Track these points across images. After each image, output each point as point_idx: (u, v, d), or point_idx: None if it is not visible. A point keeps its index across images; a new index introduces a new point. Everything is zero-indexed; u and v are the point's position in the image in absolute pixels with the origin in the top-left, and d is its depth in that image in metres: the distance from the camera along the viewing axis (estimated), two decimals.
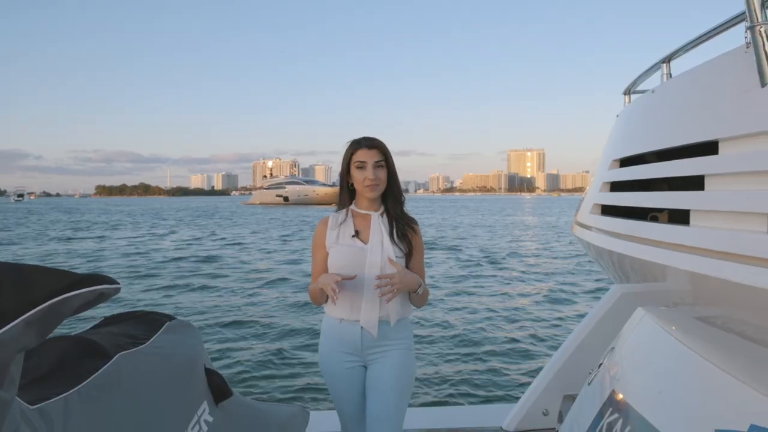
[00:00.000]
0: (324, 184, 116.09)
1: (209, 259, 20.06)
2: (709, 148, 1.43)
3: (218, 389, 2.10)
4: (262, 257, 21.20)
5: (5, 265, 0.96)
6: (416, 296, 2.36)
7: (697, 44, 1.71)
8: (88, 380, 1.48)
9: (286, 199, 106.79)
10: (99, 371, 1.54)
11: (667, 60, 1.95)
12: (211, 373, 2.12)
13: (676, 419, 1.82)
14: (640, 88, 2.58)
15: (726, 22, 1.44)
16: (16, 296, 0.92)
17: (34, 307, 0.92)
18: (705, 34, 1.62)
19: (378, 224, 2.35)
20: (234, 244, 27.10)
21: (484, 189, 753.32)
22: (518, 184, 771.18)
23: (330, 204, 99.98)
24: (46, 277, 0.96)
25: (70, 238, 30.17)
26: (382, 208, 2.41)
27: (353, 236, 2.33)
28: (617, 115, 2.55)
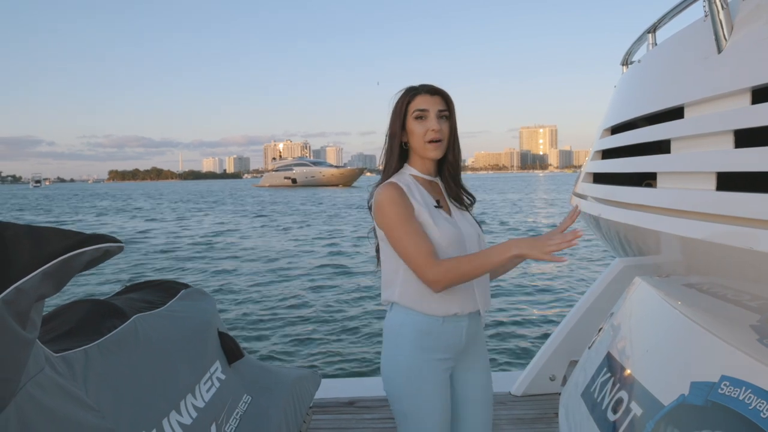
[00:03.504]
0: (331, 166, 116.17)
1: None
2: (678, 113, 1.51)
3: (230, 351, 2.26)
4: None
5: (25, 226, 1.11)
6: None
7: (676, 14, 1.77)
8: (107, 336, 1.64)
9: (294, 181, 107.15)
10: (117, 329, 1.70)
11: (653, 30, 2.00)
12: (224, 336, 2.28)
13: (658, 374, 1.92)
14: (636, 58, 2.63)
15: None
16: (35, 251, 1.07)
17: (51, 261, 1.07)
18: (680, 4, 1.68)
19: (445, 193, 1.91)
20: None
21: (496, 167, 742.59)
22: (531, 161, 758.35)
23: (337, 185, 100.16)
24: (60, 236, 1.11)
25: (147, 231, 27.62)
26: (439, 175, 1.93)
27: (437, 206, 1.82)
28: (615, 86, 2.61)
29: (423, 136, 1.79)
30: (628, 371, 2.11)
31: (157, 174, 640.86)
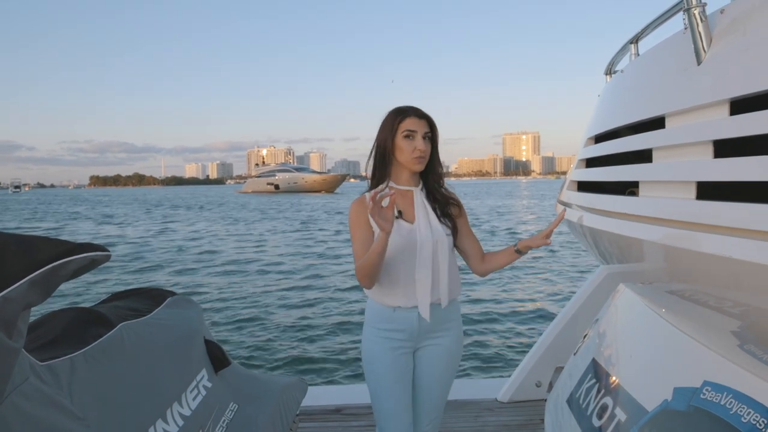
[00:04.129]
0: (314, 172, 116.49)
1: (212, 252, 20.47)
2: (659, 123, 1.55)
3: (217, 359, 2.25)
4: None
5: (12, 234, 1.11)
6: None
7: (657, 26, 1.80)
8: (93, 344, 1.63)
9: (276, 187, 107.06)
10: (103, 338, 1.70)
11: (635, 40, 2.04)
12: (210, 344, 2.28)
13: (642, 380, 1.94)
14: (619, 68, 2.68)
15: (673, 7, 1.54)
16: (23, 260, 1.06)
17: (38, 269, 1.07)
18: (662, 16, 1.72)
19: (421, 200, 2.14)
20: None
21: (480, 173, 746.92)
22: (514, 167, 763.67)
23: (319, 191, 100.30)
24: (48, 245, 1.11)
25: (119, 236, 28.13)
26: (421, 183, 2.18)
27: (396, 217, 2.05)
28: (598, 95, 2.65)
29: (411, 153, 2.07)
30: (613, 377, 2.13)
31: (139, 180, 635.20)
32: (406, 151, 2.07)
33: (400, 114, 2.09)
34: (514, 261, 2.20)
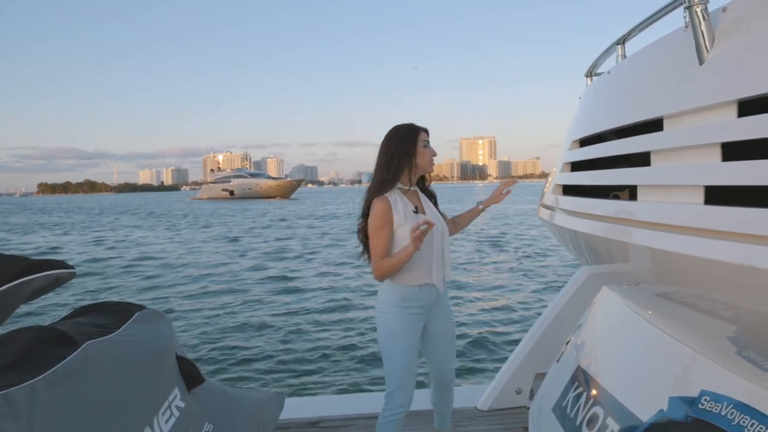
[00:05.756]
0: (270, 177, 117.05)
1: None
2: (656, 125, 1.49)
3: (190, 376, 2.12)
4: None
5: None
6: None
7: (648, 25, 1.75)
8: (56, 367, 1.49)
9: (231, 193, 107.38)
10: (67, 359, 1.56)
11: (622, 41, 2.00)
12: (182, 361, 2.15)
13: (634, 389, 1.89)
14: (600, 70, 2.64)
15: (670, 3, 1.49)
16: None
17: None
18: (653, 16, 1.67)
19: (423, 197, 2.74)
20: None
21: (437, 178, 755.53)
22: (471, 172, 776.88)
23: (275, 197, 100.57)
24: (5, 262, 0.98)
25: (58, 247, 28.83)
26: (415, 184, 2.73)
27: (415, 212, 2.60)
28: (579, 97, 2.61)
29: (430, 157, 2.67)
30: (602, 386, 2.08)
31: (90, 187, 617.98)
32: (426, 156, 2.65)
33: (414, 129, 2.66)
34: (477, 216, 2.94)
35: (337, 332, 8.83)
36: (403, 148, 2.61)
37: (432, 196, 2.79)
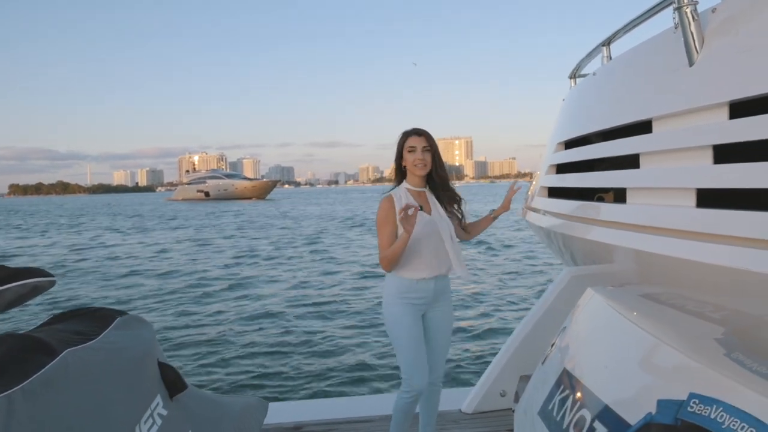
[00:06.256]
0: (245, 178, 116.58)
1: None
2: (645, 127, 1.49)
3: (172, 383, 2.07)
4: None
5: None
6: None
7: (634, 26, 1.76)
8: (34, 377, 1.44)
9: (207, 194, 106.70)
10: (45, 368, 1.50)
11: (607, 43, 2.00)
12: (164, 367, 2.09)
13: (621, 392, 1.89)
14: (585, 71, 2.64)
15: (659, 4, 1.49)
16: None
17: None
18: (640, 17, 1.67)
19: (433, 198, 2.91)
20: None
21: None
22: (448, 172, 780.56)
23: (251, 198, 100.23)
24: None
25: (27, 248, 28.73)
26: (427, 186, 2.95)
27: (420, 209, 2.78)
28: (563, 99, 2.61)
29: (412, 162, 2.86)
30: (588, 389, 2.07)
31: (63, 188, 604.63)
32: (409, 161, 2.87)
33: (404, 135, 2.92)
34: (490, 224, 3.08)
35: (319, 337, 8.78)
36: (397, 152, 2.92)
37: (447, 198, 2.93)
